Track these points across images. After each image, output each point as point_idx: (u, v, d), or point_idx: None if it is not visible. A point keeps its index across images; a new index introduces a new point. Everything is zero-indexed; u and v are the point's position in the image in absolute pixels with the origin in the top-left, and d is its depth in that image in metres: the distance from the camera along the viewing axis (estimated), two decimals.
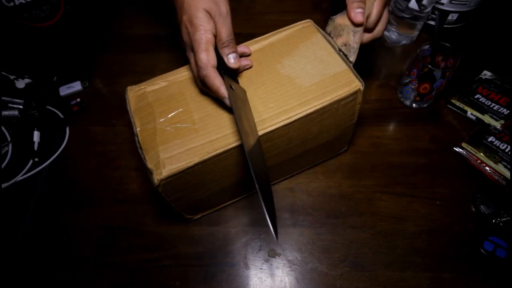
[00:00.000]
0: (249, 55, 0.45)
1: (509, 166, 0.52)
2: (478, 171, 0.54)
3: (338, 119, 0.45)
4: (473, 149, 0.54)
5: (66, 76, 0.65)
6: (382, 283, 0.46)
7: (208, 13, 0.39)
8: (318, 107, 0.40)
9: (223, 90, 0.38)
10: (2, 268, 0.48)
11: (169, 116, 0.40)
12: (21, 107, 0.59)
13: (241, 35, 0.48)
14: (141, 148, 0.38)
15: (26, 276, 0.47)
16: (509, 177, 0.51)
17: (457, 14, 0.64)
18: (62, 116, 0.61)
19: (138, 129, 0.40)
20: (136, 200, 0.53)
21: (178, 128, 0.39)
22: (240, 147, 0.39)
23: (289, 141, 0.43)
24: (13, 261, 0.48)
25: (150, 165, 0.37)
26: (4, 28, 0.56)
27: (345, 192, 0.53)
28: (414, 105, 0.61)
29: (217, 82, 0.38)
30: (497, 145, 0.54)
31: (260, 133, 0.39)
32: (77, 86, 0.64)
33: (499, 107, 0.57)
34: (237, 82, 0.42)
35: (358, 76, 0.42)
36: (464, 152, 0.55)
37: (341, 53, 0.44)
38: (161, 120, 0.40)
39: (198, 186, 0.42)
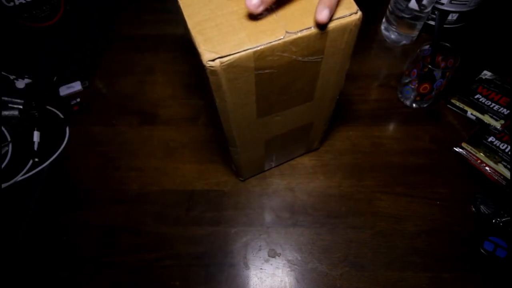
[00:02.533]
0: None
1: (509, 166, 0.52)
2: (478, 171, 0.54)
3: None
4: (473, 149, 0.54)
5: (66, 76, 0.65)
6: (382, 283, 0.46)
7: None
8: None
9: None
10: (2, 268, 0.48)
11: None
12: (21, 107, 0.59)
13: None
14: None
15: (26, 276, 0.47)
16: (509, 177, 0.51)
17: (457, 14, 0.64)
18: (62, 116, 0.61)
19: None
20: (136, 200, 0.53)
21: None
22: None
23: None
24: (13, 261, 0.48)
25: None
26: (4, 28, 0.56)
27: (345, 192, 0.53)
28: (414, 105, 0.61)
29: None
30: (497, 145, 0.54)
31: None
32: (77, 86, 0.64)
33: (499, 107, 0.57)
34: None
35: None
36: (464, 152, 0.55)
37: None
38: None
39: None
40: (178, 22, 0.32)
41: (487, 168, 0.53)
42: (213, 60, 0.29)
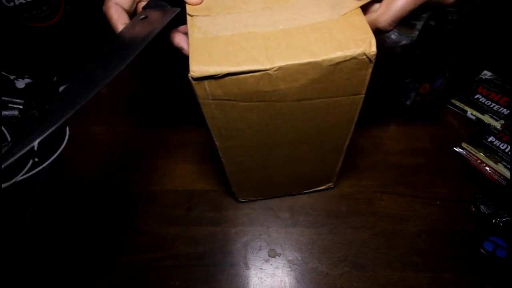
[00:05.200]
0: None
1: (509, 166, 0.52)
2: (478, 171, 0.54)
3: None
4: (473, 149, 0.54)
5: (66, 76, 0.65)
6: (382, 283, 0.46)
7: None
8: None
9: (118, 28, 0.35)
10: (2, 268, 0.48)
11: None
12: (21, 107, 0.59)
13: None
14: None
15: (26, 276, 0.47)
16: (509, 177, 0.51)
17: (457, 15, 0.64)
18: None
19: None
20: (136, 200, 0.53)
21: None
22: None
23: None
24: (13, 261, 0.48)
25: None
26: (4, 28, 0.56)
27: (345, 192, 0.53)
28: (414, 105, 0.61)
29: (114, 20, 0.35)
30: (497, 145, 0.54)
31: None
32: None
33: (499, 107, 0.57)
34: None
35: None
36: (464, 152, 0.55)
37: None
38: None
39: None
40: None
41: (487, 168, 0.53)
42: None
